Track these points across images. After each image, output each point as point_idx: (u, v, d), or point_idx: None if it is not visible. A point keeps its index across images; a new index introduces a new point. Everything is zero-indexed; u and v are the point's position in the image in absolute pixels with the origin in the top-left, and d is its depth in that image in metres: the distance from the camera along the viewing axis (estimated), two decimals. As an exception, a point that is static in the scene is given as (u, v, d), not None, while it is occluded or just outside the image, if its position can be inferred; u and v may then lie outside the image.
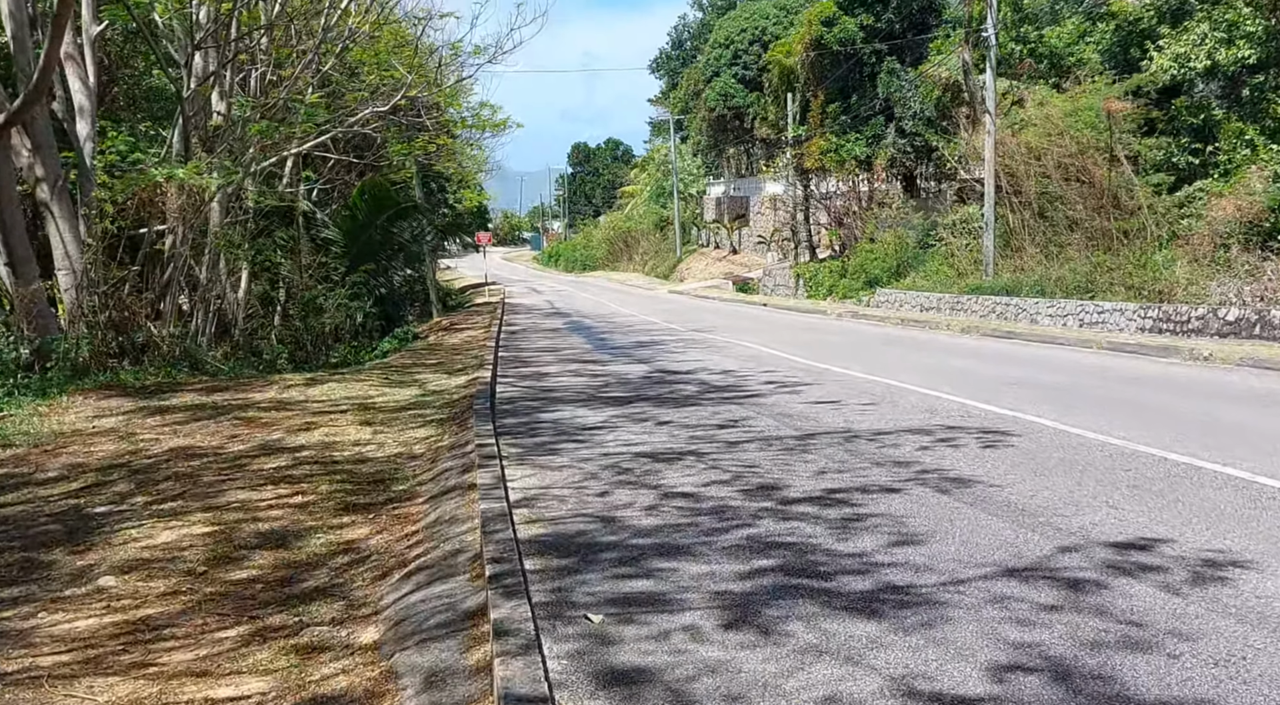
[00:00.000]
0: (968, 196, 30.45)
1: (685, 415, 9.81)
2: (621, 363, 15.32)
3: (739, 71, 59.33)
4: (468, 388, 11.64)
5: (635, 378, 13.22)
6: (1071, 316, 20.55)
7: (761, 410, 9.93)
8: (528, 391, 12.05)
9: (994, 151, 25.56)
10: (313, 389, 11.73)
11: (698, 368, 14.18)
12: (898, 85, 35.74)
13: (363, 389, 11.93)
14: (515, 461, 7.70)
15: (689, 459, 7.61)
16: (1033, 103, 27.79)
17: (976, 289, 25.53)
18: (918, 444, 7.96)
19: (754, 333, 20.49)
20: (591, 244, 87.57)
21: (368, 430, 9.15)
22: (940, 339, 19.38)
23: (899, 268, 32.77)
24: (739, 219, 61.35)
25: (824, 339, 19.03)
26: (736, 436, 8.55)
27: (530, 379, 13.43)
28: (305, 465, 7.61)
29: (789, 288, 39.97)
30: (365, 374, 13.79)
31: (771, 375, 12.97)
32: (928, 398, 10.61)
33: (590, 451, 8.07)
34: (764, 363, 14.68)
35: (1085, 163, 23.78)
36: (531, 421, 9.66)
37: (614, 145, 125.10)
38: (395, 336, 26.13)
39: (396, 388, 12.21)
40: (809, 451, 7.76)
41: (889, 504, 6.18)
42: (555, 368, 14.89)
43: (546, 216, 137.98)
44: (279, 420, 9.54)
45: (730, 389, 11.67)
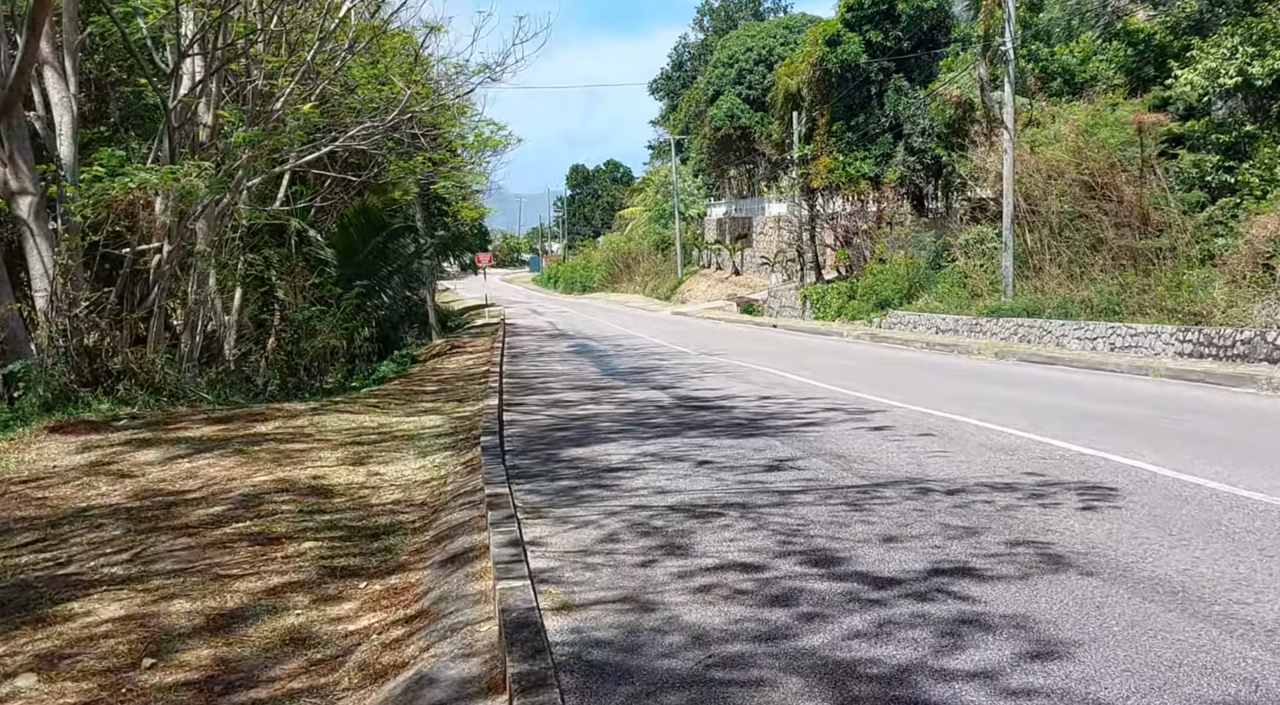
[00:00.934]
0: (980, 215, 29.57)
1: (722, 454, 8.79)
2: (637, 389, 14.32)
3: (743, 91, 58.74)
4: (473, 419, 10.66)
5: (656, 408, 12.20)
6: (1101, 340, 19.62)
7: (808, 448, 8.91)
8: (539, 423, 11.04)
9: (1012, 168, 24.70)
10: (303, 420, 10.76)
11: (722, 396, 13.17)
12: (906, 103, 35.01)
13: (358, 420, 10.96)
14: (533, 515, 6.63)
15: (736, 513, 6.56)
16: (1048, 119, 26.99)
17: (995, 311, 24.61)
18: (1008, 499, 6.83)
19: (771, 357, 19.49)
20: (591, 265, 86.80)
21: (362, 470, 8.18)
22: (974, 365, 18.38)
23: (910, 289, 31.88)
24: (741, 239, 60.57)
25: (848, 364, 18.02)
26: (787, 483, 7.51)
27: (541, 408, 12.43)
28: (288, 515, 6.63)
29: (795, 309, 39.07)
30: (361, 403, 12.82)
31: (806, 406, 11.95)
32: (995, 434, 9.50)
33: (620, 502, 6.98)
34: (793, 391, 13.67)
35: (1111, 179, 22.90)
36: (547, 461, 8.66)
37: (613, 166, 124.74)
38: (393, 360, 25.17)
39: (395, 419, 11.25)
40: (880, 506, 6.68)
41: (1007, 592, 4.83)
42: (567, 395, 13.88)
43: (545, 238, 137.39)
44: (263, 458, 8.55)
45: (765, 422, 10.64)
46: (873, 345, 23.91)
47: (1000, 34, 26.01)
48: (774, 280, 50.41)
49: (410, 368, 23.38)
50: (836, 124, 37.50)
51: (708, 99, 60.81)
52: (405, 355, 26.15)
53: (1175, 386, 13.96)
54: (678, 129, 71.96)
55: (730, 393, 13.51)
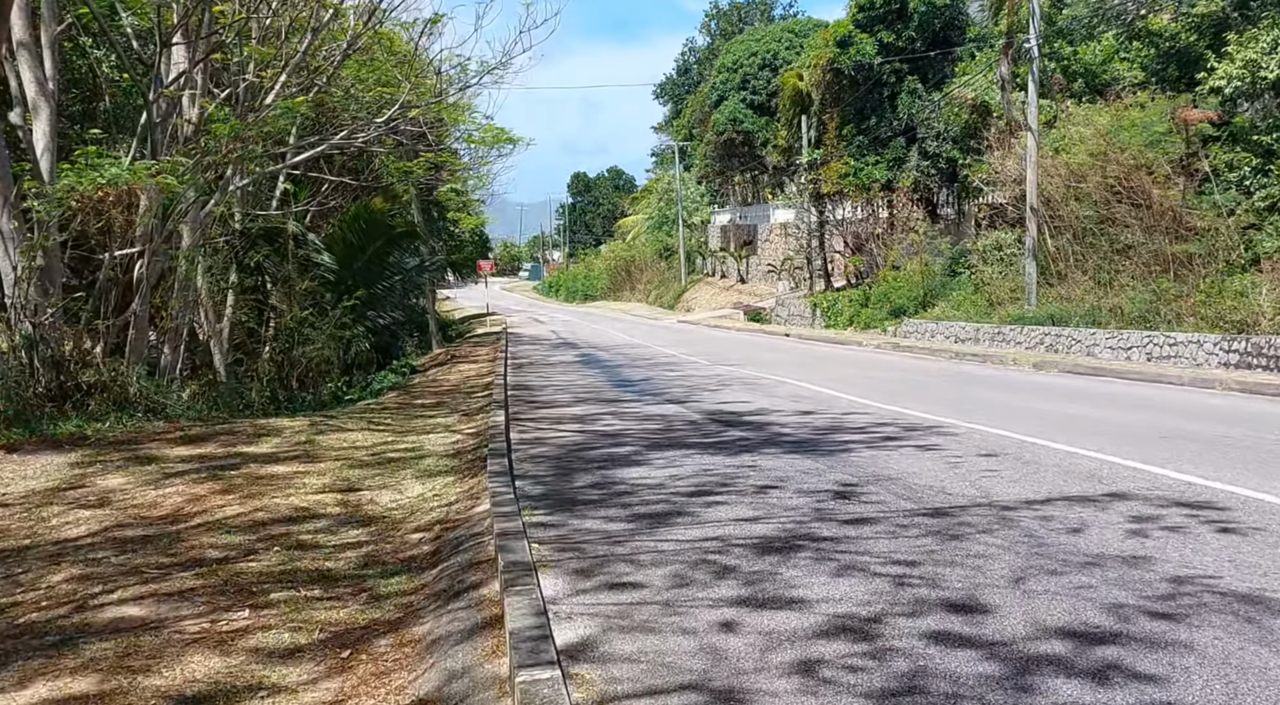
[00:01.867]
0: (999, 221, 28.60)
1: (770, 478, 7.78)
2: (656, 403, 13.25)
3: (748, 96, 57.89)
4: (478, 437, 9.66)
5: (682, 424, 11.09)
6: (1137, 349, 18.64)
7: (863, 472, 7.96)
8: (552, 443, 9.99)
9: (1036, 171, 23.75)
10: (289, 439, 9.77)
11: (749, 411, 12.12)
12: (920, 106, 34.11)
13: (351, 439, 9.97)
14: (556, 569, 5.29)
15: (808, 551, 5.58)
16: (1071, 121, 26.07)
17: (1019, 319, 23.65)
18: (1120, 528, 5.84)
19: (790, 367, 18.44)
20: (593, 274, 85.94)
21: (351, 499, 7.19)
22: (1015, 376, 17.22)
23: (925, 296, 30.94)
24: (746, 247, 59.64)
25: (876, 376, 16.96)
26: (853, 511, 6.60)
27: (552, 425, 11.39)
28: (261, 559, 5.65)
29: (804, 317, 38.10)
30: (356, 419, 11.82)
31: (845, 422, 10.91)
32: (1068, 456, 8.46)
33: (661, 543, 5.81)
34: (825, 405, 12.62)
35: (1139, 182, 21.94)
36: (565, 489, 7.56)
37: (615, 174, 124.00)
38: (392, 370, 24.17)
39: (392, 437, 10.25)
40: (964, 539, 5.78)
41: (1197, 664, 3.81)
42: (579, 410, 12.81)
43: (546, 246, 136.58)
44: (239, 485, 7.56)
45: (806, 442, 9.63)
46: (898, 355, 22.82)
47: (1023, 31, 25.09)
48: (781, 288, 49.44)
49: (410, 379, 22.39)
50: (847, 127, 36.60)
51: (711, 104, 59.99)
52: (404, 365, 25.16)
53: (1254, 402, 12.79)
54: (681, 135, 71.18)
55: (759, 407, 12.46)
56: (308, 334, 18.57)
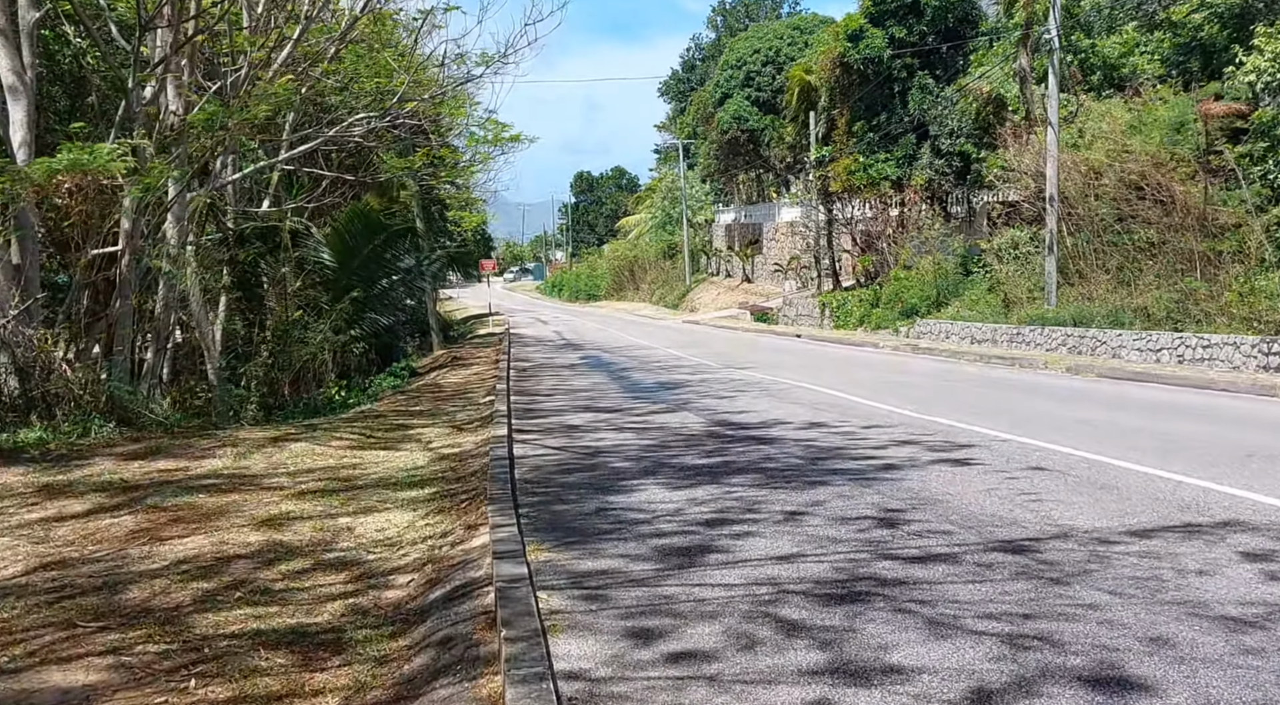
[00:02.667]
0: (1014, 218, 27.79)
1: (805, 504, 6.94)
2: (666, 411, 12.47)
3: (752, 93, 57.16)
4: (477, 451, 8.90)
5: (696, 436, 10.36)
6: (1167, 351, 17.86)
7: (906, 494, 7.19)
8: (559, 457, 9.24)
9: (1056, 165, 22.98)
10: (268, 455, 8.96)
11: (770, 420, 11.31)
12: (932, 102, 33.31)
13: (337, 453, 9.19)
14: (575, 631, 4.44)
15: (880, 599, 4.74)
16: (1090, 116, 25.29)
17: (1039, 319, 22.86)
18: (1254, 569, 5.11)
19: (805, 371, 17.63)
20: (596, 273, 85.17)
21: (328, 532, 6.40)
22: (1046, 381, 16.36)
23: (938, 296, 30.15)
24: (751, 246, 58.83)
25: (898, 380, 16.15)
26: (913, 546, 5.76)
27: (558, 436, 10.62)
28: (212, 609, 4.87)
29: (813, 317, 37.32)
30: (347, 428, 11.04)
31: (879, 435, 10.11)
32: (1145, 478, 7.60)
33: (699, 585, 5.02)
34: (851, 413, 11.78)
35: (1162, 178, 21.15)
36: (576, 516, 6.79)
37: (619, 173, 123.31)
38: (391, 373, 23.44)
39: (382, 451, 9.47)
40: (1064, 583, 4.92)
41: None
42: (586, 418, 12.03)
43: (549, 246, 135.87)
44: (191, 515, 6.76)
45: (837, 455, 8.84)
46: (919, 358, 21.96)
47: (1040, 23, 24.32)
48: (788, 288, 48.67)
49: (409, 382, 21.65)
50: (857, 124, 35.78)
51: (715, 102, 59.22)
52: (404, 367, 24.42)
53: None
54: (685, 132, 70.43)
55: (778, 416, 11.65)
56: (302, 336, 17.85)
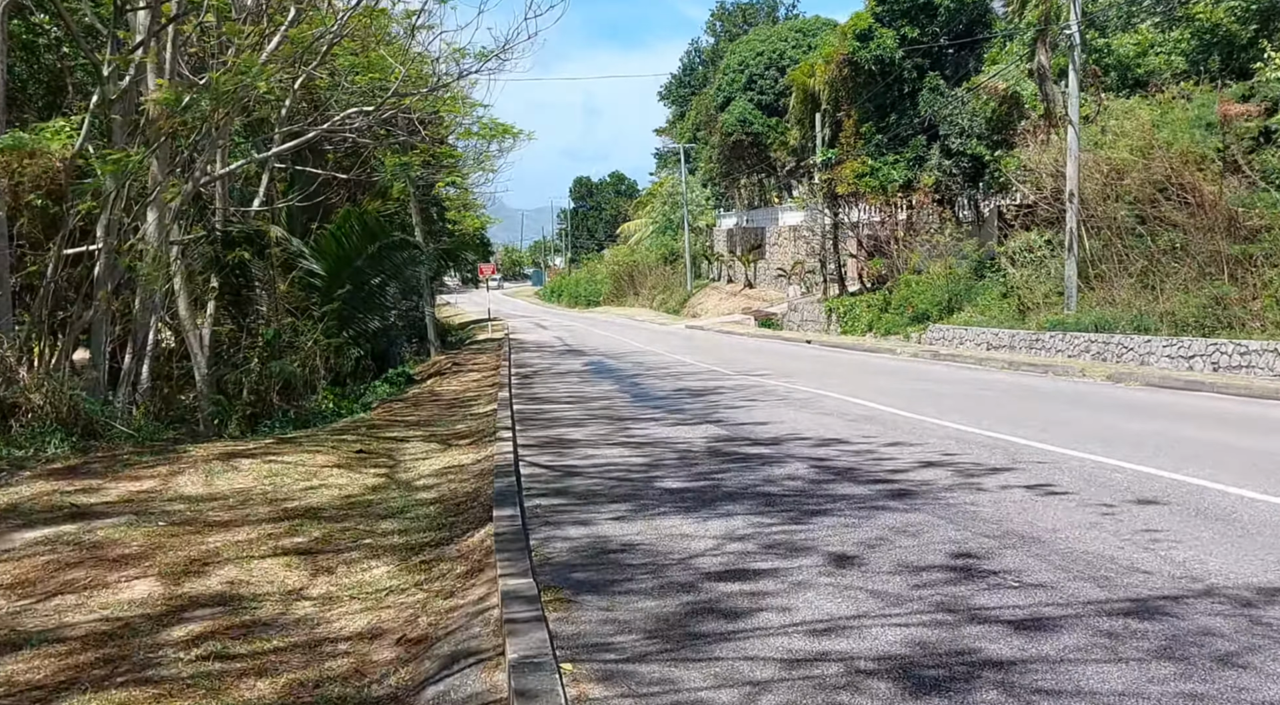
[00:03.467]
0: (1030, 221, 26.95)
1: (860, 543, 5.93)
2: (679, 424, 11.53)
3: (755, 96, 56.51)
4: (477, 471, 8.01)
5: (720, 454, 9.41)
6: (1200, 358, 17.02)
7: (984, 529, 6.11)
8: (569, 480, 8.32)
9: (1077, 167, 22.17)
10: (231, 476, 7.95)
11: (795, 435, 10.33)
12: (943, 103, 32.48)
13: (314, 472, 8.25)
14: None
15: (989, 688, 3.77)
16: (1111, 115, 24.49)
17: (1059, 325, 22.01)
18: None
19: (824, 378, 16.70)
20: (596, 279, 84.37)
21: (289, 580, 5.45)
22: (1089, 390, 15.21)
23: (950, 301, 29.33)
24: (754, 251, 58.02)
25: (927, 388, 15.18)
26: (1020, 608, 4.67)
27: (563, 451, 9.69)
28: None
29: (819, 323, 36.49)
30: (332, 442, 10.12)
31: (928, 450, 9.09)
32: (1267, 509, 6.49)
33: (750, 658, 4.11)
34: (890, 426, 10.78)
35: (1189, 178, 20.32)
36: (593, 555, 5.81)
37: (618, 179, 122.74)
38: (387, 380, 22.59)
39: (367, 470, 8.52)
40: (1234, 666, 3.89)
41: None
42: (596, 432, 11.08)
43: (548, 251, 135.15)
44: (113, 555, 5.81)
45: (886, 477, 7.87)
46: (941, 365, 21.01)
47: (1056, 20, 23.53)
48: (792, 293, 47.84)
49: (405, 390, 20.78)
50: (866, 125, 34.97)
51: (718, 105, 58.53)
52: (400, 374, 23.55)
53: None
54: (686, 137, 69.74)
55: (809, 430, 10.60)
56: (292, 341, 16.98)
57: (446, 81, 17.06)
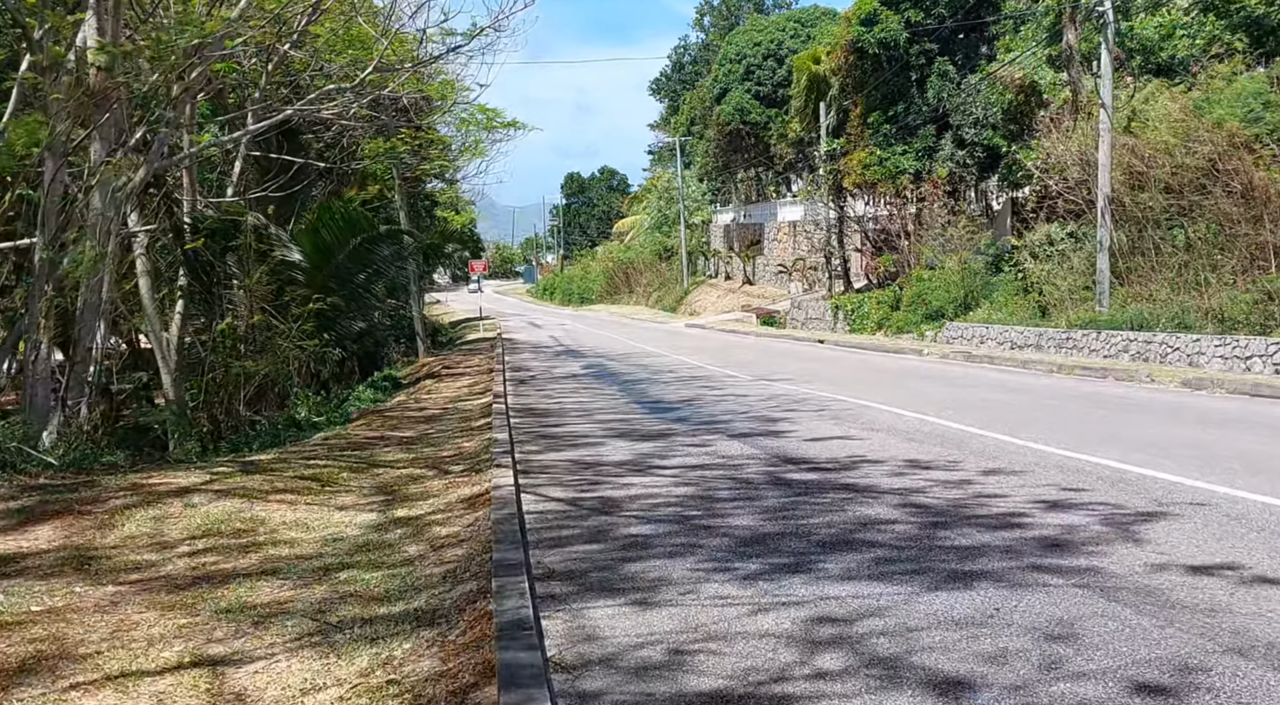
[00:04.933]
0: (1052, 214, 25.49)
1: (1015, 639, 4.30)
2: (707, 441, 9.83)
3: (753, 87, 55.10)
4: (471, 513, 6.44)
5: (777, 479, 7.84)
6: (1260, 358, 15.58)
7: (1194, 627, 4.41)
8: (591, 520, 6.67)
9: (1110, 154, 20.72)
10: (154, 522, 6.33)
11: (856, 458, 8.74)
12: (953, 89, 30.99)
13: (262, 519, 6.57)
14: None
15: None
16: (1143, 98, 23.08)
17: (1091, 323, 20.59)
18: None
19: (853, 384, 15.05)
20: (589, 276, 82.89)
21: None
22: (1177, 400, 13.10)
23: (966, 298, 27.92)
24: (752, 246, 56.55)
25: (981, 397, 13.35)
26: None
27: (583, 479, 8.02)
28: None
29: (825, 321, 35.01)
30: (295, 469, 8.50)
31: (1028, 485, 7.37)
32: None
33: None
34: (961, 448, 9.10)
35: (1238, 164, 18.87)
36: (629, 670, 4.12)
37: (609, 174, 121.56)
38: (372, 384, 21.03)
39: (331, 509, 6.90)
40: None
41: None
42: (609, 451, 9.38)
43: (540, 248, 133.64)
44: None
45: (1003, 525, 6.19)
46: (976, 367, 19.32)
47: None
48: (793, 290, 46.38)
49: (391, 396, 19.22)
50: (873, 114, 33.45)
51: (715, 97, 57.07)
52: (386, 378, 22.00)
53: None
54: (680, 131, 68.22)
55: (874, 454, 8.82)
56: (266, 343, 15.40)
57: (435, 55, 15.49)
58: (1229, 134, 19.01)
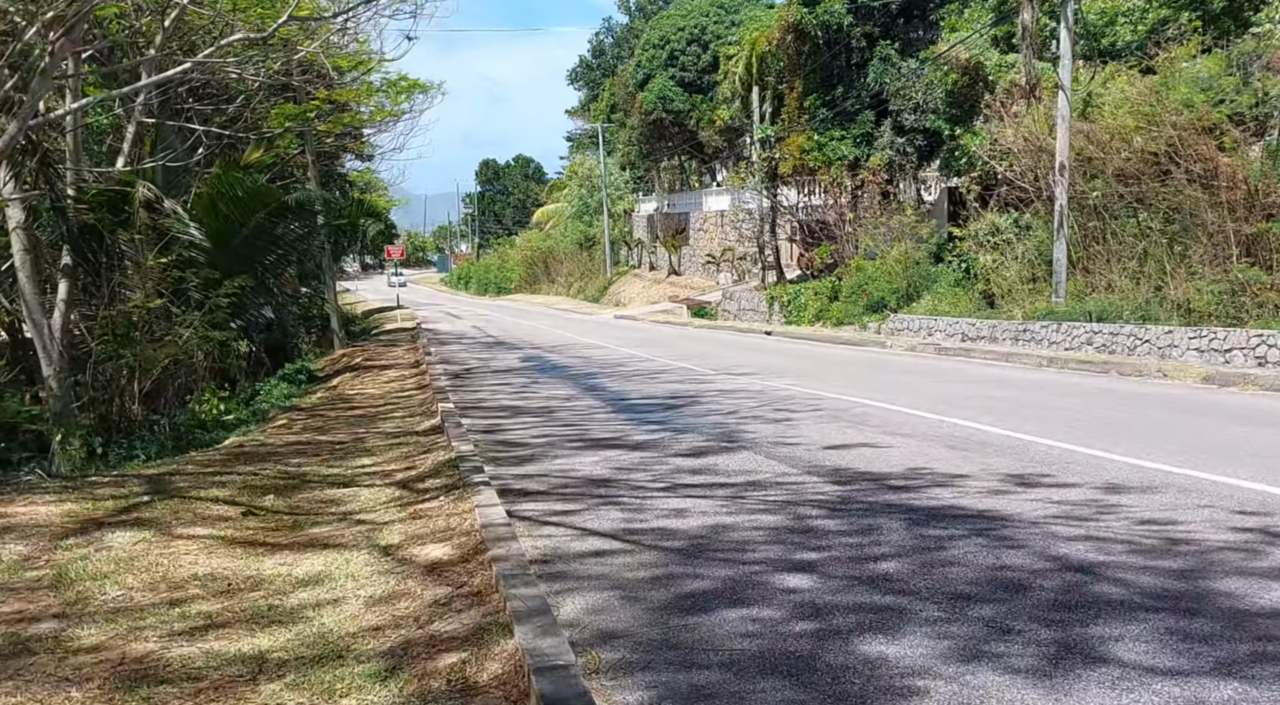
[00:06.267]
0: (999, 202, 24.75)
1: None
2: (722, 451, 8.11)
3: (677, 73, 53.83)
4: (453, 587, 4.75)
5: (850, 501, 6.25)
6: (1240, 351, 14.86)
7: None
8: (640, 576, 4.83)
9: (1069, 132, 19.95)
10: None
11: (911, 470, 7.20)
12: (895, 74, 30.11)
13: (165, 575, 4.75)
14: None
15: None
16: (1099, 81, 22.46)
17: (1049, 315, 19.81)
18: None
19: (828, 379, 13.58)
20: (507, 265, 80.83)
21: None
22: (1211, 398, 11.86)
23: (909, 289, 27.09)
24: (677, 236, 55.34)
25: (986, 394, 11.91)
26: None
27: (580, 504, 6.31)
28: None
29: (759, 313, 33.97)
30: (209, 494, 6.69)
31: (1170, 504, 5.95)
32: None
33: None
34: (1019, 457, 7.59)
35: (1202, 149, 18.21)
36: None
37: (524, 162, 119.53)
38: (285, 377, 19.06)
39: (255, 556, 4.96)
40: None
41: None
42: (589, 464, 7.72)
43: (453, 237, 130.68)
44: None
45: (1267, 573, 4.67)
46: (952, 361, 18.00)
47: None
48: (723, 280, 45.32)
49: (308, 389, 17.35)
50: (810, 98, 32.43)
51: (637, 83, 55.63)
52: (300, 371, 20.02)
53: None
54: (600, 118, 66.63)
55: (926, 464, 7.43)
56: (164, 332, 13.45)
57: (354, 4, 13.69)
58: (1198, 117, 18.32)
